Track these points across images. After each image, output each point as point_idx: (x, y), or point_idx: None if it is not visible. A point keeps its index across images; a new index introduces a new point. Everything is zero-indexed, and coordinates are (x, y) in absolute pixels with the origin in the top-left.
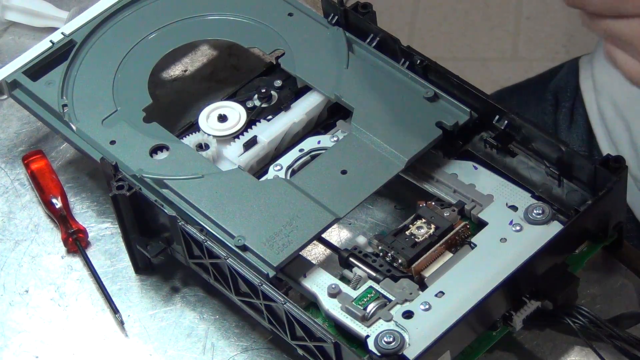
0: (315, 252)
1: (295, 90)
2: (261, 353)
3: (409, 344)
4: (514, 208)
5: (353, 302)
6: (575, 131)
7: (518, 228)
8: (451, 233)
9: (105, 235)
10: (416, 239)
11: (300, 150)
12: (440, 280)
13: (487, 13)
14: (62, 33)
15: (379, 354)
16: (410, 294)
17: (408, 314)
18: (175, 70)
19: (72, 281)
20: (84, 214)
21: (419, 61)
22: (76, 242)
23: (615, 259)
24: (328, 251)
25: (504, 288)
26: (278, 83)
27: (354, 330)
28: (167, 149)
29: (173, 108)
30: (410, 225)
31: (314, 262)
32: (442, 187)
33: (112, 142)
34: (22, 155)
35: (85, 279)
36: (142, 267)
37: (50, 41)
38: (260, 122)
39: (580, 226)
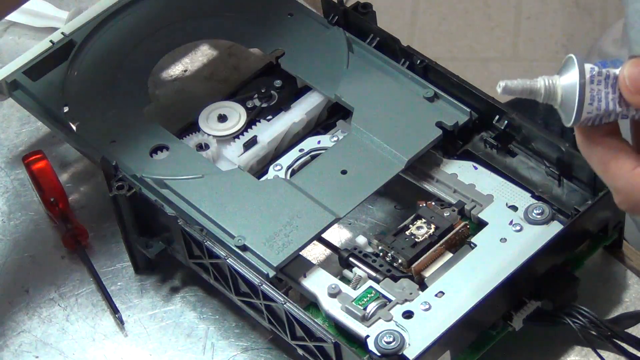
0: (315, 252)
1: (295, 90)
2: (261, 353)
3: (409, 344)
4: (514, 208)
5: (353, 302)
6: None
7: (518, 228)
8: (451, 233)
9: (105, 235)
10: (416, 239)
11: (300, 150)
12: (440, 280)
13: (487, 13)
14: (62, 33)
15: (379, 354)
16: (410, 294)
17: (408, 314)
18: (175, 70)
19: (72, 281)
20: (84, 214)
21: (419, 61)
22: (76, 242)
23: (615, 259)
24: (328, 251)
25: (504, 288)
26: (278, 83)
27: (354, 330)
28: (167, 149)
29: (173, 108)
30: (410, 225)
31: (314, 262)
32: (442, 187)
33: (112, 142)
34: (22, 155)
35: (85, 279)
36: (142, 267)
37: (50, 41)
38: (260, 122)
39: (580, 226)
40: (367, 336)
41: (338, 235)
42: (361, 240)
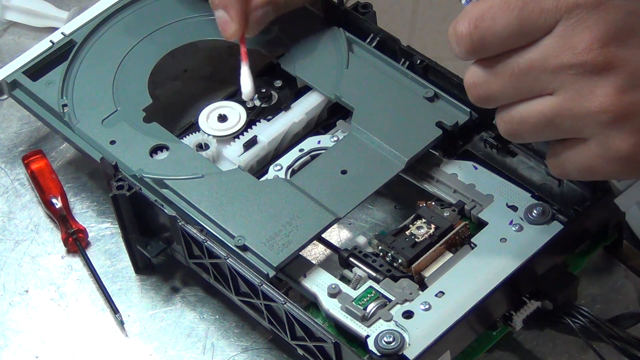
0: (315, 252)
1: (295, 90)
2: (261, 353)
3: (409, 344)
4: (514, 208)
5: (353, 302)
6: None
7: (518, 228)
8: (451, 233)
9: (105, 235)
10: (416, 239)
11: (300, 150)
12: (440, 280)
13: None
14: (62, 33)
15: (379, 354)
16: (410, 294)
17: (408, 314)
18: (175, 70)
19: (72, 281)
20: (84, 214)
21: (419, 61)
22: (76, 242)
23: (615, 259)
24: (328, 251)
25: (504, 288)
26: (278, 83)
27: (354, 330)
28: (167, 149)
29: (173, 108)
30: (410, 225)
31: (314, 262)
32: (442, 187)
33: (112, 142)
34: (22, 155)
35: (85, 279)
36: (142, 267)
37: (50, 41)
38: (260, 122)
39: (580, 226)
40: (367, 336)
41: (338, 235)
42: (361, 240)
